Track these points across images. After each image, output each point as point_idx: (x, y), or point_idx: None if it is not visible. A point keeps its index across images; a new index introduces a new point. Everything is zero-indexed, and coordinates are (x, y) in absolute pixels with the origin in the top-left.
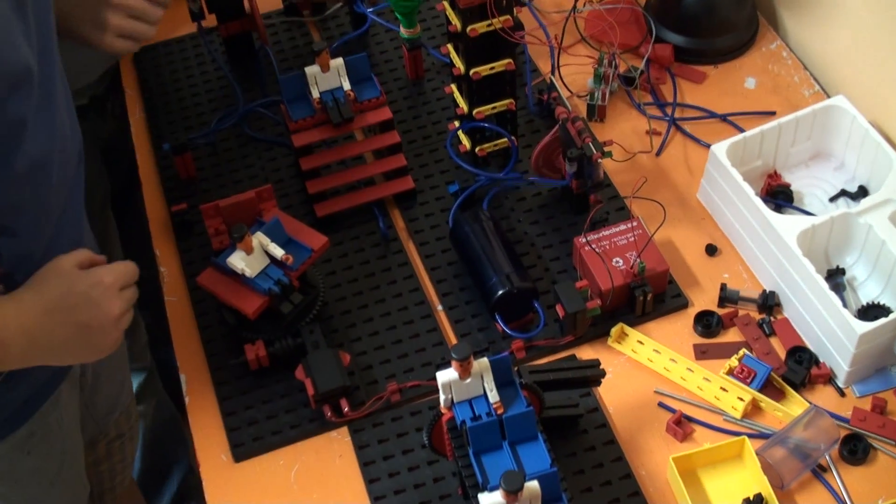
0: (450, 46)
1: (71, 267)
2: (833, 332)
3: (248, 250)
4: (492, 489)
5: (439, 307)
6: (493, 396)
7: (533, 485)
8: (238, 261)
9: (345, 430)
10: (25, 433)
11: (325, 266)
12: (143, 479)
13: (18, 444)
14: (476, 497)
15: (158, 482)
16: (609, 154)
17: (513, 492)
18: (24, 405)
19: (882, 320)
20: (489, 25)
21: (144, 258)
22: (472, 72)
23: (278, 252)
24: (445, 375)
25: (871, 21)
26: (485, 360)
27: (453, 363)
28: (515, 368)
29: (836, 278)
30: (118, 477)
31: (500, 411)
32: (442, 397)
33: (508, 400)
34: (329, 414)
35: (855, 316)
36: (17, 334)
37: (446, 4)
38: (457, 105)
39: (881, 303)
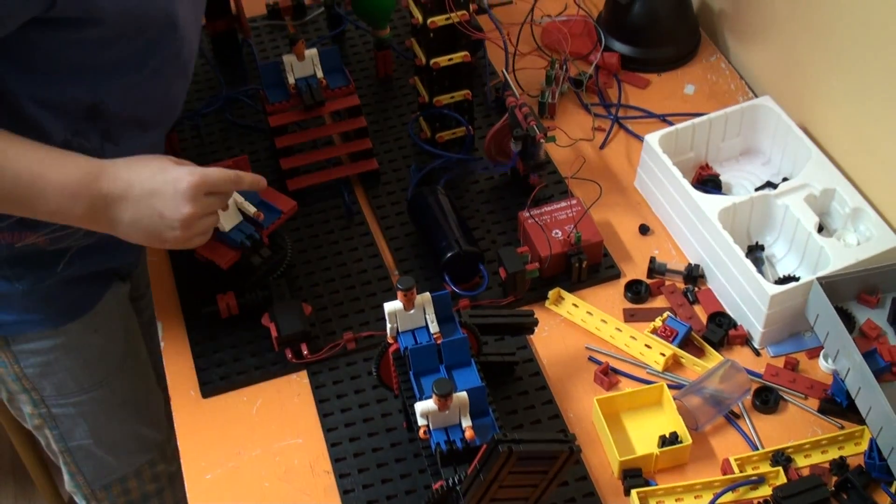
0: (413, 40)
1: (169, 159)
2: (749, 296)
3: (224, 207)
4: (426, 399)
5: (395, 271)
6: (434, 327)
7: (462, 395)
8: None
9: (304, 372)
10: (93, 313)
11: (293, 234)
12: None
13: (87, 322)
14: (413, 408)
15: None
16: (552, 139)
17: (442, 395)
18: (93, 288)
19: (792, 284)
20: (447, 19)
21: None
22: (432, 62)
23: (251, 209)
24: (392, 305)
25: (799, 35)
26: (427, 294)
27: (398, 294)
28: (456, 310)
29: (755, 253)
30: None
31: (438, 340)
32: (388, 326)
33: (447, 333)
34: (290, 356)
35: None
36: (90, 191)
37: (410, 1)
38: (419, 95)
39: (796, 275)
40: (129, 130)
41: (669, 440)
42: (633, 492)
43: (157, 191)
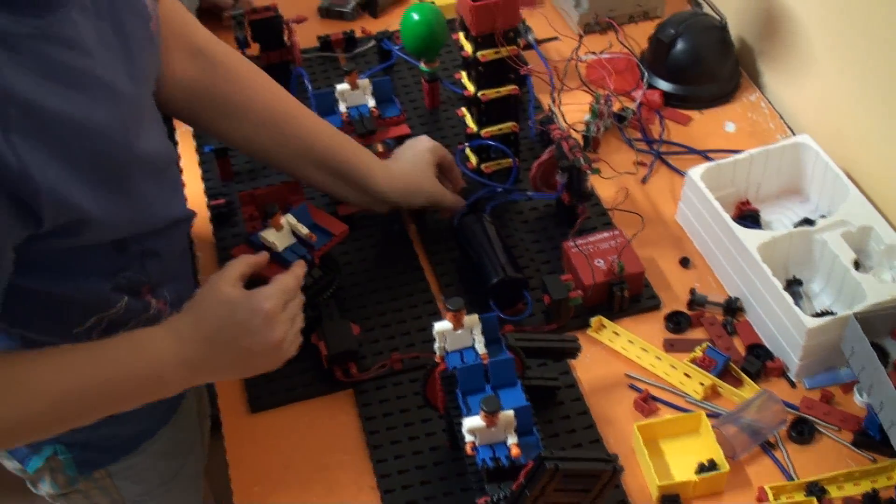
0: (462, 72)
1: (230, 290)
2: (786, 329)
3: (278, 228)
4: (473, 416)
5: (441, 296)
6: (481, 348)
7: (509, 413)
8: (269, 236)
9: (350, 391)
10: (180, 409)
11: (343, 257)
12: None
13: (175, 420)
14: (459, 426)
15: None
16: (597, 171)
17: (490, 412)
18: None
19: (829, 318)
20: (497, 53)
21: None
22: (481, 94)
23: (304, 231)
24: (441, 325)
25: (837, 76)
26: (475, 316)
27: (447, 314)
28: (501, 333)
29: (793, 287)
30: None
31: (485, 360)
32: (437, 346)
33: (493, 354)
34: (339, 374)
35: None
36: (175, 366)
37: (461, 34)
38: (466, 125)
39: (832, 310)
40: (160, 237)
41: (707, 467)
42: None
43: (239, 335)
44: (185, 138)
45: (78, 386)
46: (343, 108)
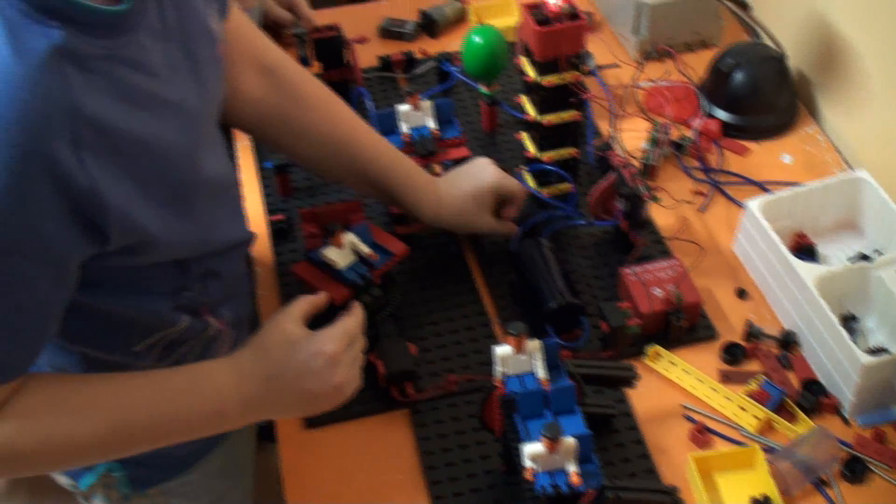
0: (523, 97)
1: (293, 329)
2: (841, 365)
3: (339, 246)
4: (532, 441)
5: (497, 319)
6: (542, 373)
7: (571, 440)
8: (330, 254)
9: (406, 411)
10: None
11: (399, 277)
12: None
13: (224, 445)
14: (517, 450)
15: None
16: (657, 199)
17: (552, 438)
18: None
19: (886, 356)
20: (561, 79)
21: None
22: (543, 119)
23: (365, 249)
24: (502, 350)
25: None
26: (537, 342)
27: (509, 338)
28: (562, 360)
29: (849, 323)
30: None
31: (546, 387)
32: (497, 370)
33: (553, 380)
34: (395, 394)
35: None
36: (235, 403)
37: (524, 59)
38: (524, 149)
39: (886, 348)
40: (221, 258)
41: (761, 503)
42: None
43: (300, 375)
44: (245, 154)
45: (136, 416)
46: (404, 128)
